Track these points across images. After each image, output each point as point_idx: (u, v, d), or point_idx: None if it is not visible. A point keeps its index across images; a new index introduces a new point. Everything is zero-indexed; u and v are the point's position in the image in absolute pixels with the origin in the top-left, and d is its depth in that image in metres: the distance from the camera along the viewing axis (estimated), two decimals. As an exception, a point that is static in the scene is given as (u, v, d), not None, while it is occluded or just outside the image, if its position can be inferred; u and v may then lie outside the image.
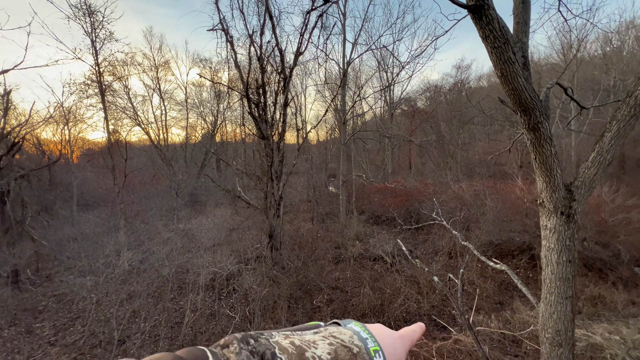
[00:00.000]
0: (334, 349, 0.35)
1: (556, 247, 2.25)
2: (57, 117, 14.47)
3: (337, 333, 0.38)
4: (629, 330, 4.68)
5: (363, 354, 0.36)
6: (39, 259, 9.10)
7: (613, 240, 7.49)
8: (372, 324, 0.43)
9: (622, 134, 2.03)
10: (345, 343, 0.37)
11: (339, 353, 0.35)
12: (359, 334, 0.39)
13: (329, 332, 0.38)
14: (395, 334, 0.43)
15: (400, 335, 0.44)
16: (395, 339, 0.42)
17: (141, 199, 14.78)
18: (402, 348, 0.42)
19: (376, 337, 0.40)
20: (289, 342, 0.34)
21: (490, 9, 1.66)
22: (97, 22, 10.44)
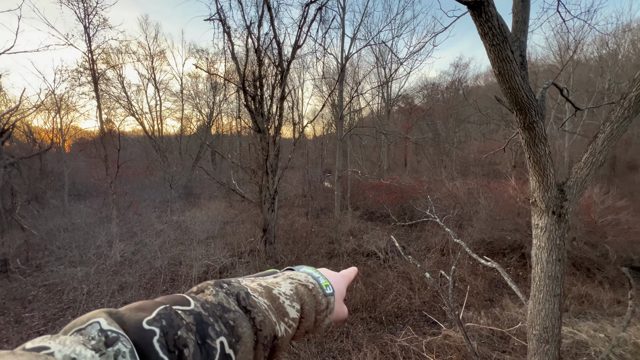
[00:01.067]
0: (294, 287, 0.43)
1: (547, 245, 2.28)
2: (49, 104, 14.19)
3: (294, 275, 0.46)
4: (613, 329, 4.80)
5: (317, 288, 0.45)
6: (29, 249, 8.98)
7: (601, 241, 7.64)
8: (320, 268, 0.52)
9: (615, 135, 2.05)
10: (302, 282, 0.44)
11: (299, 289, 0.43)
12: (312, 274, 0.47)
13: (287, 275, 0.45)
14: (337, 274, 0.53)
15: (342, 275, 0.54)
16: (338, 277, 0.52)
17: (134, 190, 14.62)
18: (343, 284, 0.52)
19: (325, 275, 0.49)
20: (257, 284, 0.41)
21: (490, 6, 1.65)
22: (91, 8, 10.20)
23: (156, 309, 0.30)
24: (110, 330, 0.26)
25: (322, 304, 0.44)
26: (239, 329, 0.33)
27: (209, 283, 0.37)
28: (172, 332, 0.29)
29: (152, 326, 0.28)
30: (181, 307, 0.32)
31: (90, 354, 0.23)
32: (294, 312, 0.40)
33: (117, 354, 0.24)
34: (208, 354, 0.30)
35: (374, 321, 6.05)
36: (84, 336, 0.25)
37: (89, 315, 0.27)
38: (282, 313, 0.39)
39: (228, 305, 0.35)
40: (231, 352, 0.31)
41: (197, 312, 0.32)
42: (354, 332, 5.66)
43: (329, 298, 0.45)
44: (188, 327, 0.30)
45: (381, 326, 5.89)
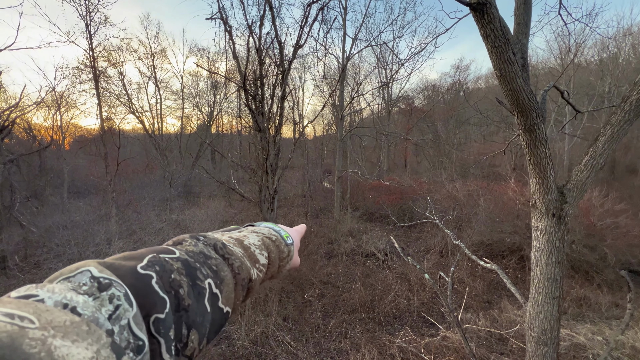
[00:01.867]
0: (260, 238, 0.48)
1: (546, 248, 2.29)
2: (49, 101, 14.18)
3: (258, 229, 0.51)
4: (611, 332, 4.81)
5: (279, 239, 0.50)
6: (28, 246, 8.96)
7: (600, 244, 7.65)
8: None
9: (615, 138, 2.06)
10: (266, 234, 0.50)
11: (264, 240, 0.48)
12: (273, 228, 0.53)
13: (250, 230, 0.51)
14: (292, 229, 0.60)
15: (295, 229, 0.61)
16: (293, 231, 0.58)
17: (134, 188, 14.61)
18: (298, 237, 0.59)
19: (283, 228, 0.55)
20: (228, 236, 0.45)
21: (492, 8, 1.65)
22: (92, 5, 10.19)
23: (146, 256, 0.31)
24: (102, 277, 0.26)
25: (284, 252, 0.50)
26: (221, 272, 0.37)
27: (185, 236, 0.39)
28: (166, 275, 0.30)
29: (147, 271, 0.29)
30: (167, 255, 0.33)
31: (83, 299, 0.23)
32: (263, 259, 0.45)
33: (111, 297, 0.25)
34: (199, 293, 0.33)
35: (372, 322, 6.04)
36: (72, 283, 0.25)
37: (78, 264, 0.27)
38: (254, 260, 0.44)
39: (209, 253, 0.38)
40: (218, 292, 0.35)
41: (183, 258, 0.34)
42: (352, 333, 5.66)
43: (290, 247, 0.52)
44: (179, 271, 0.32)
45: (380, 327, 5.88)
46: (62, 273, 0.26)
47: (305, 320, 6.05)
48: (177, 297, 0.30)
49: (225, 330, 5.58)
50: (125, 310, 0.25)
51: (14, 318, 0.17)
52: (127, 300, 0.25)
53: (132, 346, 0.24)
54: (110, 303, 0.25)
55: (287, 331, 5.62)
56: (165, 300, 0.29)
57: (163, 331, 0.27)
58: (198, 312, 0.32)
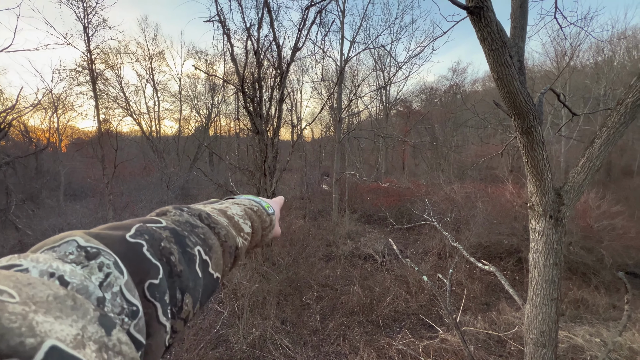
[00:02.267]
0: (242, 209, 0.48)
1: (544, 249, 2.29)
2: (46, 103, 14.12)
3: (239, 201, 0.52)
4: (609, 333, 4.82)
5: (261, 209, 0.51)
6: (23, 249, 8.85)
7: (597, 246, 7.68)
8: None
9: (611, 140, 2.07)
10: (248, 205, 0.50)
11: (247, 210, 0.49)
12: (254, 199, 0.54)
13: (232, 201, 0.51)
14: (271, 200, 0.60)
15: (274, 200, 0.61)
16: (272, 201, 0.59)
17: (131, 190, 14.53)
18: (278, 208, 0.60)
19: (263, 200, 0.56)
20: (211, 207, 0.45)
21: (489, 11, 1.67)
22: (90, 8, 10.20)
23: (133, 226, 0.31)
24: (89, 246, 0.25)
25: (267, 222, 0.51)
26: (209, 240, 0.37)
27: (169, 207, 0.40)
28: (156, 243, 0.30)
29: (137, 239, 0.29)
30: (154, 224, 0.33)
31: (70, 267, 0.22)
32: (247, 227, 0.46)
33: (101, 266, 0.24)
34: (190, 259, 0.33)
35: (370, 324, 6.02)
36: (57, 253, 0.24)
37: (63, 234, 0.26)
38: (239, 229, 0.44)
39: (195, 222, 0.38)
40: (207, 259, 0.36)
41: (171, 227, 0.34)
42: (350, 336, 5.64)
43: (272, 217, 0.53)
44: (168, 239, 0.32)
45: (378, 329, 5.87)
46: (45, 243, 0.25)
47: (303, 323, 6.02)
48: (169, 264, 0.30)
49: (223, 333, 5.54)
50: (116, 278, 0.24)
51: None
52: (117, 268, 0.25)
53: (126, 311, 0.24)
54: (100, 271, 0.24)
55: (285, 334, 5.59)
56: (158, 267, 0.29)
57: (158, 295, 0.27)
58: (190, 277, 0.32)
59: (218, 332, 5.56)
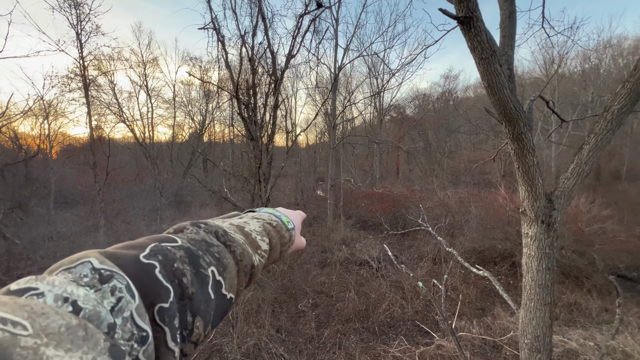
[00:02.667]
0: (261, 224, 0.47)
1: (536, 254, 2.32)
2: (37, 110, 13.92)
3: (258, 215, 0.51)
4: (602, 337, 4.86)
5: (280, 225, 0.50)
6: (10, 259, 8.65)
7: (589, 249, 7.78)
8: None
9: (599, 146, 2.12)
10: (267, 220, 0.49)
11: (265, 226, 0.48)
12: (274, 214, 0.53)
13: (251, 216, 0.50)
14: (293, 212, 0.59)
15: (296, 212, 0.60)
16: (294, 214, 0.58)
17: (123, 197, 14.33)
18: (299, 220, 0.59)
19: (284, 213, 0.55)
20: (228, 224, 0.44)
21: (478, 21, 1.71)
22: (84, 15, 10.17)
23: (148, 245, 0.31)
24: (103, 269, 0.25)
25: (286, 238, 0.50)
26: (224, 260, 0.37)
27: (186, 223, 0.40)
28: (169, 264, 0.30)
29: (150, 260, 0.29)
30: (169, 243, 0.33)
31: (84, 292, 0.23)
32: (264, 245, 0.45)
33: (113, 290, 0.24)
34: (203, 281, 0.33)
35: (366, 331, 5.98)
36: (73, 274, 0.24)
37: (79, 255, 0.26)
38: (256, 246, 0.44)
39: (211, 240, 0.38)
40: (221, 279, 0.35)
41: (185, 246, 0.34)
42: (346, 343, 5.58)
43: (291, 232, 0.52)
44: (182, 259, 0.32)
45: (374, 336, 5.82)
46: (62, 264, 0.26)
47: (298, 331, 5.95)
48: (181, 286, 0.30)
49: (217, 343, 5.44)
50: (127, 302, 0.25)
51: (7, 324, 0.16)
52: (129, 292, 0.25)
53: (135, 337, 0.24)
54: (112, 295, 0.24)
55: (280, 343, 5.51)
56: (169, 290, 0.29)
57: (168, 320, 0.27)
58: (202, 299, 0.32)
59: (211, 341, 5.46)
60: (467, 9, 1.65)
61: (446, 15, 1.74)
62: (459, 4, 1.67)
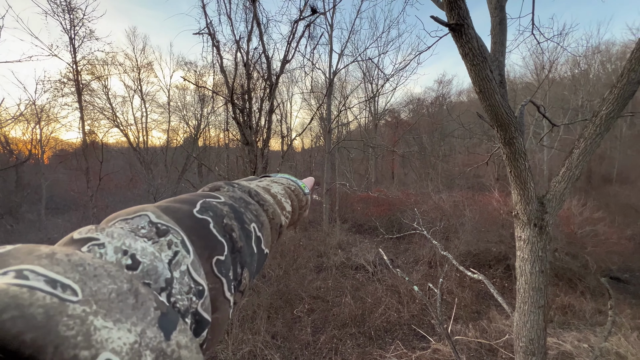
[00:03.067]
0: (282, 188, 0.49)
1: (530, 257, 2.34)
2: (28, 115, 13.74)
3: (278, 179, 0.52)
4: (596, 339, 4.89)
5: (298, 189, 0.52)
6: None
7: (581, 251, 7.88)
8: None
9: (589, 150, 2.16)
10: (286, 184, 0.51)
11: (286, 189, 0.49)
12: (290, 178, 0.54)
13: (270, 179, 0.52)
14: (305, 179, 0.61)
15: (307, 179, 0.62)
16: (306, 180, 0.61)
17: (116, 203, 14.14)
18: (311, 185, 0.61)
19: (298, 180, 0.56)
20: (255, 185, 0.46)
21: (469, 28, 1.74)
22: (77, 20, 10.12)
23: (198, 201, 0.33)
24: (160, 223, 0.26)
25: (303, 201, 0.52)
26: (261, 217, 0.39)
27: (220, 183, 0.41)
28: (219, 220, 0.32)
29: (203, 215, 0.31)
30: (214, 200, 0.35)
31: (142, 245, 0.23)
32: (288, 206, 0.47)
33: (170, 243, 0.25)
34: (247, 236, 0.35)
35: (363, 336, 5.95)
36: (130, 225, 0.25)
37: (136, 208, 0.28)
38: (282, 207, 0.46)
39: (247, 199, 0.39)
40: (260, 235, 0.37)
41: (229, 203, 0.36)
42: (343, 349, 5.54)
43: (307, 197, 0.54)
44: (229, 215, 0.34)
45: (370, 341, 5.79)
46: (119, 215, 0.27)
47: (294, 337, 5.89)
48: (232, 240, 0.32)
49: (212, 350, 5.36)
50: (183, 257, 0.25)
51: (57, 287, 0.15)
52: (184, 247, 0.26)
53: (193, 290, 0.24)
54: (169, 249, 0.25)
55: (276, 349, 5.45)
56: (223, 244, 0.30)
57: (224, 271, 0.29)
58: (248, 252, 0.34)
59: (206, 349, 5.37)
60: (458, 17, 1.68)
61: (438, 22, 1.78)
62: (450, 12, 1.70)
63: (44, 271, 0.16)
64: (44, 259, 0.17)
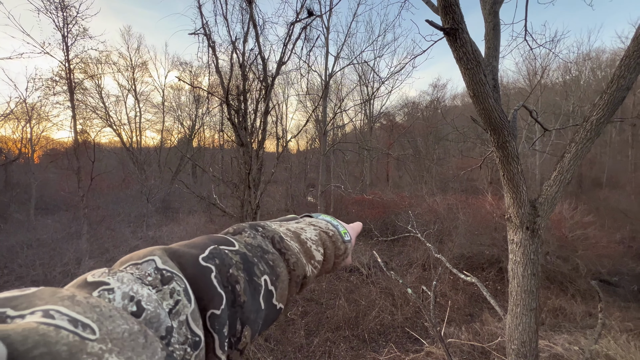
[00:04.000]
0: (317, 233, 0.46)
1: (522, 260, 2.36)
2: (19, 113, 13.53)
3: (315, 222, 0.48)
4: (586, 341, 4.95)
5: (337, 235, 0.48)
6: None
7: (572, 255, 7.99)
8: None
9: (580, 155, 2.19)
10: (323, 228, 0.47)
11: (321, 235, 0.46)
12: (331, 222, 0.50)
13: (308, 222, 0.48)
14: (349, 225, 0.56)
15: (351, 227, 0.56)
16: (350, 227, 0.55)
17: (108, 203, 13.96)
18: (354, 235, 0.55)
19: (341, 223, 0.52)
20: (285, 229, 0.43)
21: (464, 33, 1.75)
22: (70, 17, 9.99)
23: (207, 247, 0.32)
24: (165, 270, 0.27)
25: (341, 250, 0.48)
26: (277, 268, 0.36)
27: (244, 226, 0.40)
28: (224, 269, 0.31)
29: (208, 263, 0.30)
30: (227, 247, 0.34)
31: (147, 292, 0.24)
32: (319, 255, 0.44)
33: (172, 292, 0.26)
34: (255, 289, 0.33)
35: (356, 339, 5.93)
36: (140, 271, 0.26)
37: (146, 251, 0.28)
38: (310, 256, 0.42)
39: (266, 247, 0.37)
40: (273, 289, 0.35)
41: (242, 252, 0.34)
42: (336, 352, 5.52)
43: (347, 245, 0.49)
44: (237, 265, 0.32)
45: (364, 344, 5.78)
46: (131, 258, 0.28)
47: (288, 339, 5.86)
48: (234, 293, 0.30)
49: (203, 353, 5.30)
50: (184, 306, 0.26)
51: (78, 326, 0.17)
52: (187, 295, 0.26)
53: (189, 341, 0.25)
54: (171, 297, 0.25)
55: (269, 352, 5.40)
56: (222, 296, 0.29)
57: (218, 327, 0.28)
58: (252, 308, 0.32)
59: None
60: (452, 21, 1.70)
61: (433, 26, 1.79)
62: (445, 16, 1.71)
63: (67, 311, 0.18)
64: (67, 300, 0.19)
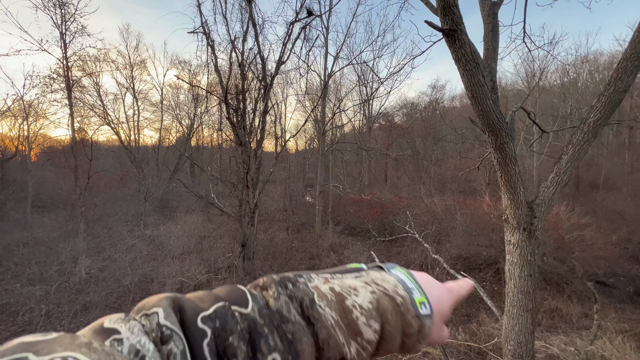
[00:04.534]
0: (376, 298, 0.33)
1: (519, 261, 2.37)
2: (16, 110, 13.45)
3: (380, 280, 0.35)
4: (582, 342, 4.97)
5: (407, 305, 0.34)
6: (-18, 265, 8.21)
7: (569, 256, 8.02)
8: (418, 272, 0.40)
9: (577, 157, 2.20)
10: (389, 292, 0.34)
11: (382, 302, 0.33)
12: (405, 283, 0.36)
13: (371, 278, 0.36)
14: (443, 287, 0.40)
15: (448, 289, 0.40)
16: (443, 292, 0.39)
17: (105, 202, 13.90)
18: (449, 303, 0.38)
19: (423, 287, 0.37)
20: (329, 287, 0.33)
21: (462, 34, 1.76)
22: (69, 15, 9.93)
23: (214, 304, 0.29)
24: (165, 326, 0.26)
25: (412, 327, 0.33)
26: (298, 345, 0.29)
27: (274, 280, 0.33)
28: (224, 336, 0.27)
29: (205, 325, 0.27)
30: (239, 308, 0.29)
31: (152, 347, 0.24)
32: (370, 332, 0.31)
33: (169, 354, 0.25)
34: None
35: (353, 339, 5.94)
36: (149, 322, 0.26)
37: (155, 301, 0.28)
38: (355, 332, 0.31)
39: (288, 314, 0.30)
40: None
41: (252, 317, 0.29)
42: (333, 351, 5.52)
43: (423, 320, 0.34)
44: (241, 334, 0.27)
45: (361, 344, 5.78)
46: (144, 306, 0.28)
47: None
48: None
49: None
50: None
51: None
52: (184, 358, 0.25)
53: None
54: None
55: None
56: None
57: None
58: None
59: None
60: (452, 22, 1.70)
61: (432, 27, 1.79)
62: (444, 17, 1.72)
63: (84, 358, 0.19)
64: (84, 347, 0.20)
